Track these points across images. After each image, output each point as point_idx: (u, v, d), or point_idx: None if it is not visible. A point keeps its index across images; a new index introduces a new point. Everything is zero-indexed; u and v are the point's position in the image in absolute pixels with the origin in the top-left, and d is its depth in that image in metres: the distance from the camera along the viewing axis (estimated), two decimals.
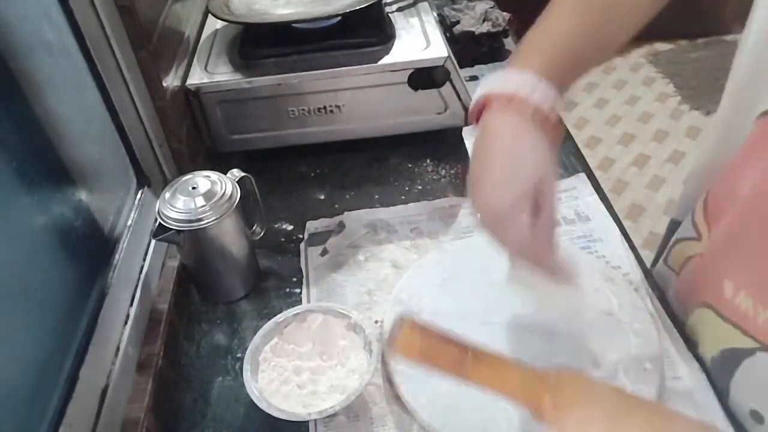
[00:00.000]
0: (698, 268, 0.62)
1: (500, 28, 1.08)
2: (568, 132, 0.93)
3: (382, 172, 0.88)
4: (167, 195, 0.66)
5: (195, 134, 0.86)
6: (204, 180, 0.67)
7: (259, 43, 0.87)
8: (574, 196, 0.80)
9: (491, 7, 1.10)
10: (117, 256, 0.67)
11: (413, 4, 0.96)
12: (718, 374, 0.57)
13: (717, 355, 0.57)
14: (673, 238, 0.69)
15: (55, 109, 0.61)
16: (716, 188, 0.61)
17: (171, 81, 0.78)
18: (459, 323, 0.59)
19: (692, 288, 0.63)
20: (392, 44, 0.86)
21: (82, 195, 0.64)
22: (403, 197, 0.84)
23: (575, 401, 0.47)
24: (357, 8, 0.83)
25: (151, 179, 0.78)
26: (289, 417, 0.54)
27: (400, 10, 0.95)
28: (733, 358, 0.55)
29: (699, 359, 0.59)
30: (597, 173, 0.83)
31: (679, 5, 0.60)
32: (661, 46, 2.84)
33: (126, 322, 0.64)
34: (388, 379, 0.61)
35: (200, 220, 0.64)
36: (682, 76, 2.66)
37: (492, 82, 0.50)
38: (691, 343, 0.61)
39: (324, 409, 0.54)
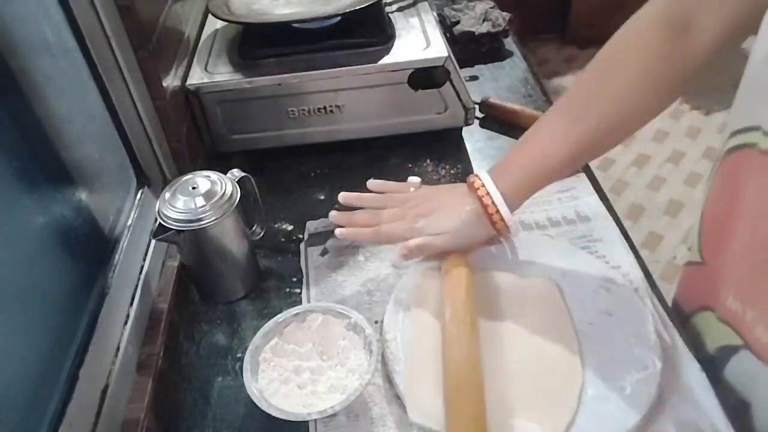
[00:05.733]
0: (696, 275, 0.66)
1: (500, 28, 1.08)
2: None
3: (382, 172, 0.88)
4: (167, 195, 0.66)
5: (195, 134, 0.86)
6: (204, 180, 0.67)
7: (259, 43, 0.87)
8: (574, 196, 0.80)
9: (491, 7, 1.10)
10: (117, 256, 0.67)
11: (413, 4, 0.96)
12: (715, 369, 0.60)
13: (714, 351, 0.61)
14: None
15: (55, 109, 0.61)
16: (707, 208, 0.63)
17: (171, 81, 0.78)
18: None
19: (693, 292, 0.67)
20: (392, 44, 0.86)
21: (82, 195, 0.64)
22: None
23: None
24: (357, 8, 0.83)
25: (151, 179, 0.78)
26: (289, 417, 0.54)
27: (400, 10, 0.95)
28: (725, 355, 0.59)
29: (701, 357, 0.61)
30: (597, 173, 0.83)
31: None
32: None
33: (126, 322, 0.64)
34: (388, 379, 0.61)
35: (200, 220, 0.64)
36: None
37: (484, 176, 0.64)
38: (694, 341, 0.63)
39: (324, 409, 0.54)
